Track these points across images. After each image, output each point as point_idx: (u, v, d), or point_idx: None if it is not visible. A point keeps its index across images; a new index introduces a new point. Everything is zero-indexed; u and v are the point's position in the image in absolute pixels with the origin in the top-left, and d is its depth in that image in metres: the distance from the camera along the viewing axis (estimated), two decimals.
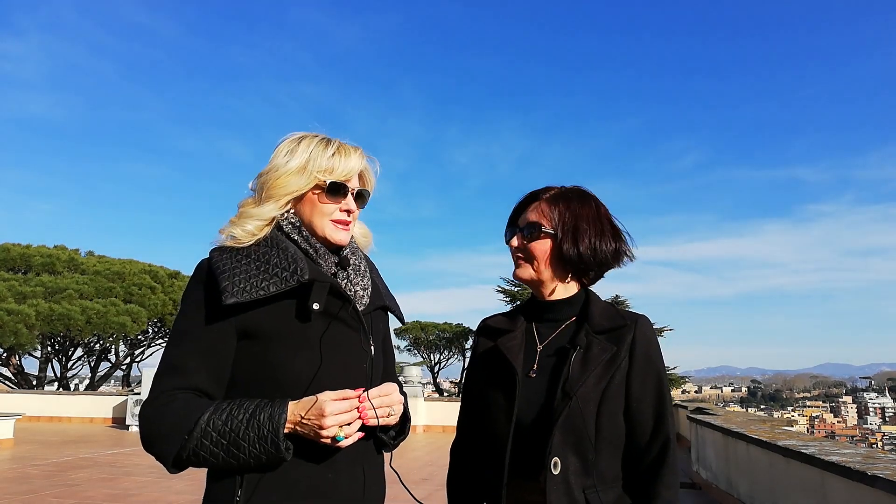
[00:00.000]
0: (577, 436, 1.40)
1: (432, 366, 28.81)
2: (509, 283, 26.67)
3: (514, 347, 1.52)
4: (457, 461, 1.66)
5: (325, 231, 1.47)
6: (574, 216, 1.52)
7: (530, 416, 1.43)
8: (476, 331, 1.68)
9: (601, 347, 1.46)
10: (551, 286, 1.55)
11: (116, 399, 17.79)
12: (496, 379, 1.51)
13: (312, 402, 1.28)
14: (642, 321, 1.51)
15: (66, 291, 20.80)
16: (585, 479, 1.40)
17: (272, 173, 1.45)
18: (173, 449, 1.26)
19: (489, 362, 1.56)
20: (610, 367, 1.44)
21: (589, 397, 1.41)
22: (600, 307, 1.54)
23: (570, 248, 1.50)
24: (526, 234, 1.53)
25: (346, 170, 1.47)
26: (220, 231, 1.46)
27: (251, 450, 1.25)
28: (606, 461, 1.43)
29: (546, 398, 1.43)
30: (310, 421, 1.27)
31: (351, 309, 1.44)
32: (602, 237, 1.52)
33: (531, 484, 1.41)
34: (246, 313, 1.35)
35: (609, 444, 1.43)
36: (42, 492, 7.58)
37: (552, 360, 1.49)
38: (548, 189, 1.58)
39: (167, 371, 1.34)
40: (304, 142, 1.48)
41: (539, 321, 1.57)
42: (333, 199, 1.47)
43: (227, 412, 1.27)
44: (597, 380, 1.42)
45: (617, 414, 1.45)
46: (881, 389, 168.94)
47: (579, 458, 1.40)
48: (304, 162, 1.44)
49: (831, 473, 4.32)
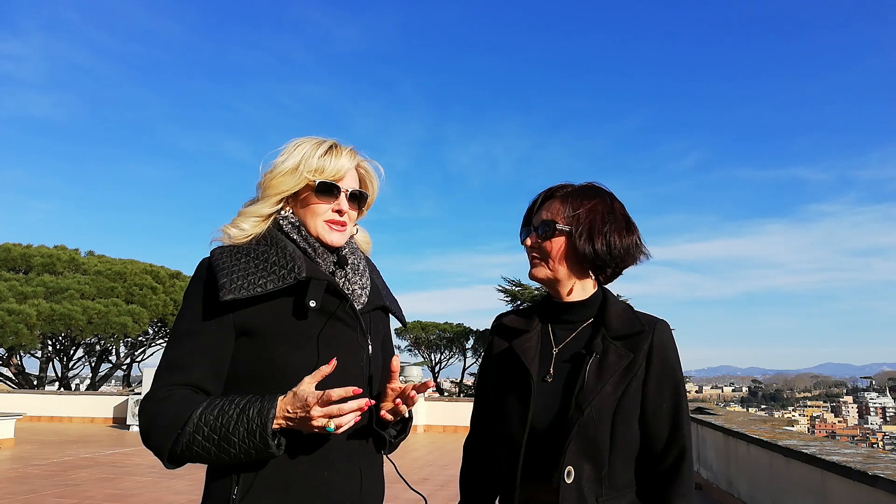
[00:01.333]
0: (592, 445, 1.38)
1: (433, 366, 28.83)
2: (510, 283, 26.69)
3: (530, 350, 1.50)
4: (470, 458, 1.66)
5: (318, 231, 1.49)
6: (588, 212, 1.49)
7: (545, 421, 1.42)
8: (491, 329, 1.66)
9: (618, 354, 1.43)
10: (568, 285, 1.52)
11: (117, 399, 17.79)
12: (511, 381, 1.50)
13: (295, 394, 1.27)
14: (661, 326, 1.48)
15: (68, 291, 20.81)
16: (598, 487, 1.39)
17: (269, 173, 1.50)
18: (168, 443, 1.28)
19: (504, 363, 1.54)
20: (626, 375, 1.42)
21: (604, 407, 1.39)
22: (618, 310, 1.51)
23: (586, 245, 1.47)
24: (540, 233, 1.51)
25: (335, 169, 1.49)
26: (219, 230, 1.49)
27: (241, 445, 1.26)
28: (620, 468, 1.42)
29: (561, 405, 1.42)
30: (296, 413, 1.27)
31: (348, 307, 1.46)
32: (617, 232, 1.49)
33: (543, 487, 1.41)
34: (244, 310, 1.37)
35: (623, 453, 1.42)
36: (43, 492, 7.58)
37: (568, 365, 1.47)
38: (562, 187, 1.56)
39: (166, 367, 1.36)
40: (303, 144, 1.51)
41: (555, 322, 1.55)
42: (325, 199, 1.49)
43: (220, 407, 1.29)
44: (613, 388, 1.40)
45: (632, 422, 1.43)
46: (882, 389, 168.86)
47: (593, 467, 1.39)
48: (297, 162, 1.48)
49: (832, 473, 4.32)
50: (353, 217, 1.56)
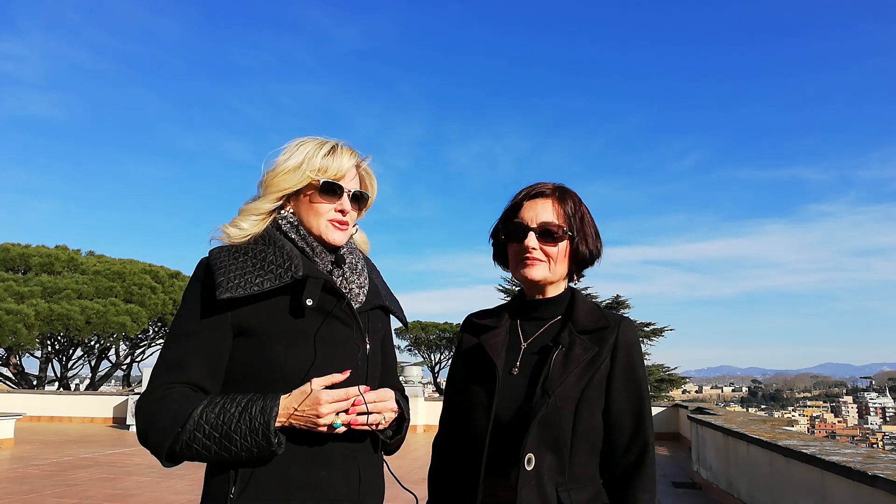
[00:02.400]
0: (553, 433, 1.40)
1: (432, 365, 28.86)
2: (510, 283, 26.64)
3: (498, 344, 1.53)
4: (438, 456, 1.67)
5: (321, 230, 1.50)
6: (580, 216, 1.56)
7: (509, 413, 1.44)
8: (461, 327, 1.69)
9: (583, 347, 1.47)
10: (555, 286, 1.57)
11: (117, 399, 17.79)
12: (477, 375, 1.51)
13: (306, 394, 1.31)
14: (625, 323, 1.52)
15: (65, 291, 20.80)
16: (559, 476, 1.40)
17: (271, 171, 1.51)
18: (167, 441, 1.28)
19: (472, 359, 1.56)
20: (590, 368, 1.45)
21: (567, 396, 1.41)
22: (585, 307, 1.55)
23: (584, 249, 1.54)
24: (545, 235, 1.52)
25: (338, 168, 1.50)
26: (217, 228, 1.50)
27: (242, 443, 1.27)
28: (582, 461, 1.44)
29: (526, 396, 1.44)
30: (304, 412, 1.30)
31: (345, 305, 1.46)
32: (597, 236, 1.59)
33: (505, 480, 1.42)
34: (241, 309, 1.38)
35: (585, 444, 1.44)
36: (43, 491, 7.58)
37: (535, 357, 1.50)
38: (545, 185, 1.58)
39: (164, 366, 1.37)
40: (306, 143, 1.52)
41: (525, 319, 1.58)
42: (327, 198, 1.50)
43: (221, 405, 1.30)
44: (576, 379, 1.43)
45: (595, 414, 1.45)
46: (882, 389, 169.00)
47: (554, 456, 1.40)
48: (300, 161, 1.49)
49: (832, 473, 4.33)
50: (354, 217, 1.57)
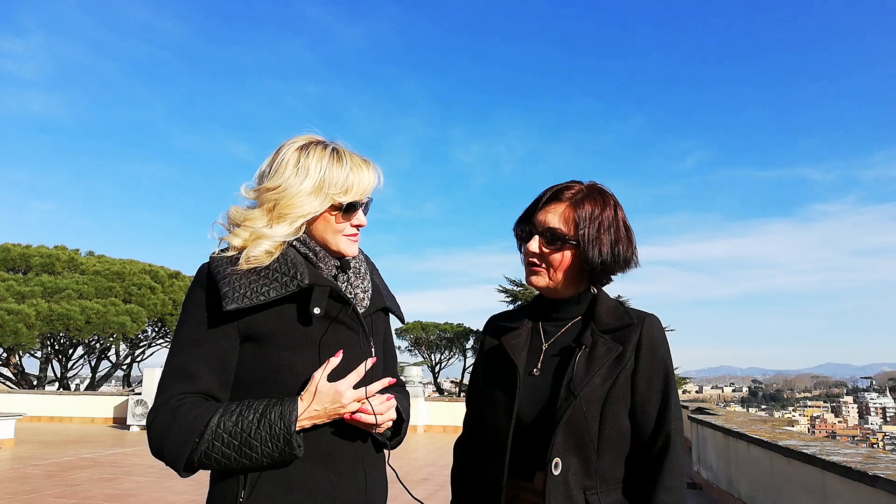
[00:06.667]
0: (580, 436, 1.38)
1: (433, 366, 28.83)
2: (511, 283, 26.69)
3: (518, 345, 1.50)
4: (460, 458, 1.66)
5: (340, 246, 1.47)
6: (597, 222, 1.46)
7: (532, 414, 1.42)
8: (483, 329, 1.67)
9: (607, 347, 1.43)
10: (564, 291, 1.52)
11: (117, 399, 17.78)
12: (499, 376, 1.50)
13: (323, 392, 1.34)
14: (650, 320, 1.47)
15: (65, 291, 20.81)
16: (586, 480, 1.38)
17: (285, 192, 1.40)
18: (185, 452, 1.27)
19: (493, 360, 1.55)
20: (615, 367, 1.41)
21: (593, 397, 1.38)
22: (607, 306, 1.51)
23: (594, 257, 1.45)
24: (549, 241, 1.48)
25: (363, 189, 1.45)
26: (223, 239, 1.44)
27: (263, 449, 1.27)
28: (609, 463, 1.41)
29: (549, 397, 1.42)
30: (326, 409, 1.33)
31: (351, 311, 1.45)
32: (620, 243, 1.48)
33: (530, 483, 1.41)
34: (248, 317, 1.36)
35: (612, 446, 1.41)
36: (43, 492, 7.58)
37: (556, 358, 1.47)
38: (569, 187, 1.51)
39: (173, 375, 1.34)
40: (314, 155, 1.43)
41: (546, 319, 1.55)
42: (347, 217, 1.46)
43: (238, 413, 1.29)
44: (602, 380, 1.40)
45: (621, 415, 1.41)
46: (882, 389, 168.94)
47: (581, 459, 1.38)
48: (319, 182, 1.40)
49: (832, 473, 4.32)
50: None
